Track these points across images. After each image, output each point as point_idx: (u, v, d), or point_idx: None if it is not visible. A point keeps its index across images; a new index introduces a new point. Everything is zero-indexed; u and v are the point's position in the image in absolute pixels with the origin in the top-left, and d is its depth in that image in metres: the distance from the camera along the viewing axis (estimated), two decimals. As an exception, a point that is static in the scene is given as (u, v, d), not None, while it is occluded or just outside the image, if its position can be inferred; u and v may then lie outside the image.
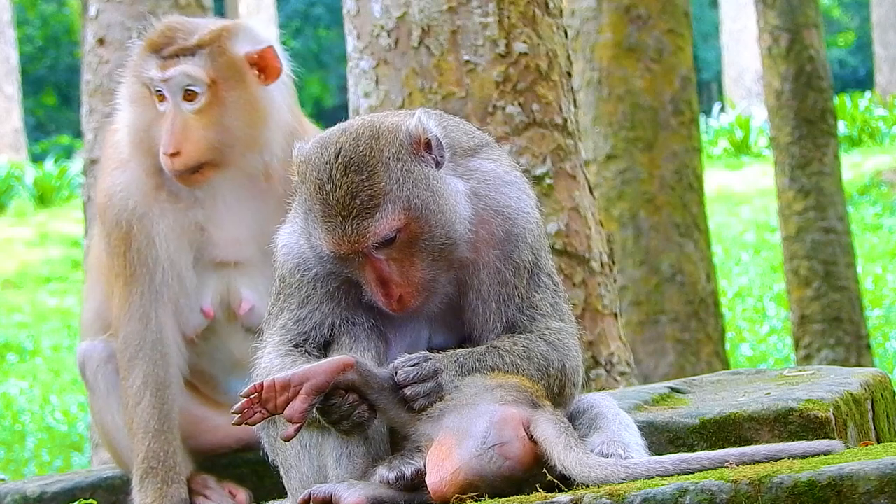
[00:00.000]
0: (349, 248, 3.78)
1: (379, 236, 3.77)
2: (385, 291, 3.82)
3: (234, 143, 5.00)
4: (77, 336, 19.69)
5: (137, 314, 5.07)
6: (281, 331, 3.97)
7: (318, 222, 3.80)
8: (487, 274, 3.92)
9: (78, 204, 24.88)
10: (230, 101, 4.99)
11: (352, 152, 3.78)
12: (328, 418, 3.73)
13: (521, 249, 3.94)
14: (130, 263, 5.07)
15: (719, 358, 11.01)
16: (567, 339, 3.96)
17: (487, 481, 3.60)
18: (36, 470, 14.54)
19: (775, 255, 19.46)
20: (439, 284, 3.88)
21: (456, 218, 3.84)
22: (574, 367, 3.96)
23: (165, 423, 5.05)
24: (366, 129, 3.83)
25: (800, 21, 12.87)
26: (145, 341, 5.06)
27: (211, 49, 4.99)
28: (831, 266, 12.81)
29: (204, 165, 5.00)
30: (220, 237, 5.11)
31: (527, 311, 3.94)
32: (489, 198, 3.94)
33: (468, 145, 4.01)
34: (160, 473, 5.03)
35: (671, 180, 10.90)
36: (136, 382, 5.05)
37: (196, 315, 5.15)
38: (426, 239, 3.81)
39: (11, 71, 31.78)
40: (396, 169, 3.78)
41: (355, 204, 3.75)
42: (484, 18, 6.04)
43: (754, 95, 32.72)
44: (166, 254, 5.06)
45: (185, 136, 4.97)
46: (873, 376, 4.69)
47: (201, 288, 5.14)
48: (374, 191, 3.76)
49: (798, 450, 3.53)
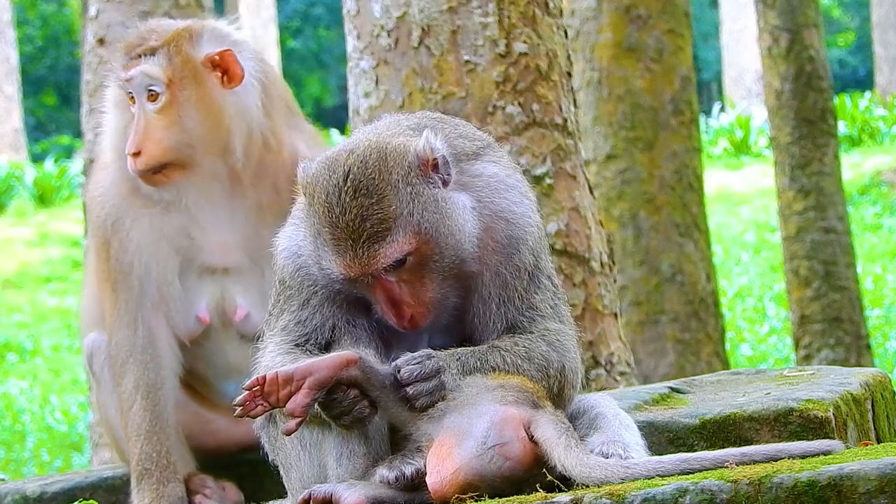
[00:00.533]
0: (360, 271, 3.78)
1: (390, 260, 3.77)
2: (396, 312, 3.84)
3: (195, 144, 4.99)
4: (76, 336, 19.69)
5: (126, 320, 5.10)
6: (282, 332, 3.98)
7: (327, 245, 3.80)
8: (489, 277, 3.93)
9: (78, 204, 24.88)
10: (189, 102, 4.99)
11: (360, 175, 3.77)
12: (329, 413, 3.74)
13: (522, 252, 3.95)
14: (113, 269, 5.10)
15: (719, 358, 11.00)
16: (566, 340, 3.98)
17: (488, 481, 3.60)
18: (36, 470, 14.54)
19: (775, 255, 19.46)
20: (448, 300, 3.90)
21: (464, 237, 3.85)
22: (573, 369, 3.97)
23: (157, 424, 5.07)
24: (373, 150, 3.82)
25: (800, 21, 12.87)
26: (135, 346, 5.08)
27: (169, 49, 4.99)
28: (831, 266, 12.80)
29: (167, 166, 5.00)
30: (205, 241, 5.11)
31: (526, 313, 3.95)
32: (493, 204, 3.95)
33: (470, 150, 4.02)
34: (155, 474, 5.05)
35: (671, 180, 10.90)
36: (129, 387, 5.08)
37: (191, 321, 5.16)
38: (436, 260, 3.82)
39: (11, 71, 31.79)
40: (406, 192, 3.79)
41: (365, 227, 3.75)
42: (484, 18, 6.04)
43: (754, 95, 32.72)
44: (144, 258, 5.07)
45: (147, 135, 4.97)
46: (873, 376, 4.69)
47: (195, 294, 5.15)
48: (384, 214, 3.76)
49: (798, 450, 3.53)
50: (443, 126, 4.02)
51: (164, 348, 5.11)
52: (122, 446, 5.28)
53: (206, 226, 5.10)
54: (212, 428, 5.31)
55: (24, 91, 35.31)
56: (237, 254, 5.11)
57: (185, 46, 5.00)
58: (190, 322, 5.15)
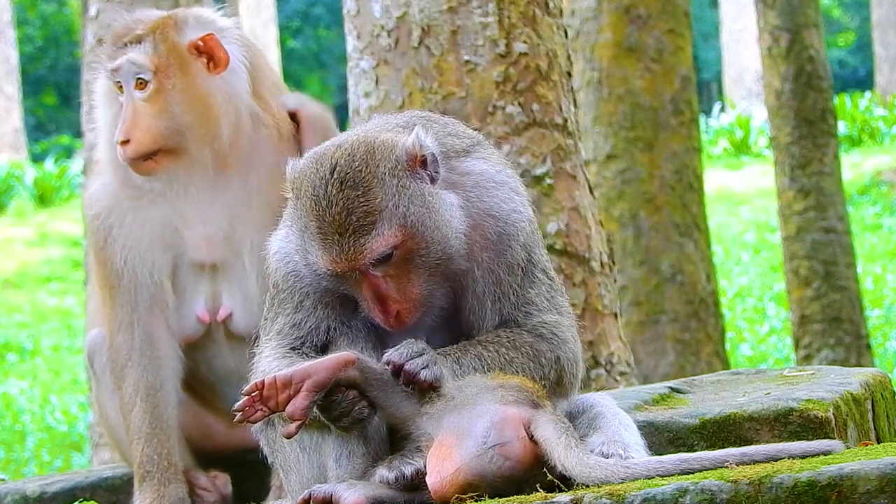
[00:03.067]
0: (345, 265, 3.77)
1: (375, 253, 3.76)
2: (382, 308, 3.82)
3: (184, 131, 4.98)
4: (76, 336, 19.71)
5: (123, 323, 5.09)
6: (278, 336, 3.97)
7: (314, 239, 3.79)
8: (482, 274, 3.93)
9: (78, 204, 24.86)
10: (176, 89, 4.98)
11: (347, 168, 3.77)
12: (328, 415, 3.73)
13: (514, 248, 3.94)
14: (108, 271, 5.09)
15: (719, 358, 11.00)
16: (562, 331, 3.96)
17: (488, 481, 3.60)
18: (36, 470, 14.54)
19: (775, 255, 19.46)
20: (436, 298, 3.88)
21: (451, 233, 3.84)
22: (569, 359, 3.95)
23: (158, 425, 5.06)
24: (361, 144, 3.82)
25: (800, 21, 12.87)
26: (133, 349, 5.07)
27: (154, 37, 4.99)
28: (831, 266, 12.81)
29: (157, 153, 4.99)
30: (190, 236, 5.09)
31: (522, 308, 3.94)
32: (481, 202, 3.94)
33: (460, 147, 4.01)
34: (156, 475, 5.05)
35: (671, 180, 10.90)
36: (129, 390, 5.08)
37: (191, 321, 5.14)
38: (423, 255, 3.81)
39: (11, 71, 31.79)
40: (392, 185, 3.78)
41: (351, 221, 3.74)
42: (484, 18, 6.04)
43: (754, 95, 32.72)
44: (133, 259, 5.06)
45: (135, 123, 4.96)
46: (873, 376, 4.69)
47: (192, 292, 5.13)
48: (370, 207, 3.75)
49: (798, 450, 3.53)
50: (432, 124, 4.02)
51: (165, 349, 5.09)
52: (123, 447, 5.28)
53: (191, 219, 5.08)
54: (213, 431, 5.30)
55: (24, 91, 35.31)
56: (223, 249, 5.09)
57: (171, 33, 4.99)
58: (190, 322, 5.14)
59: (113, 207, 5.10)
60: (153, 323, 5.08)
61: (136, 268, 5.07)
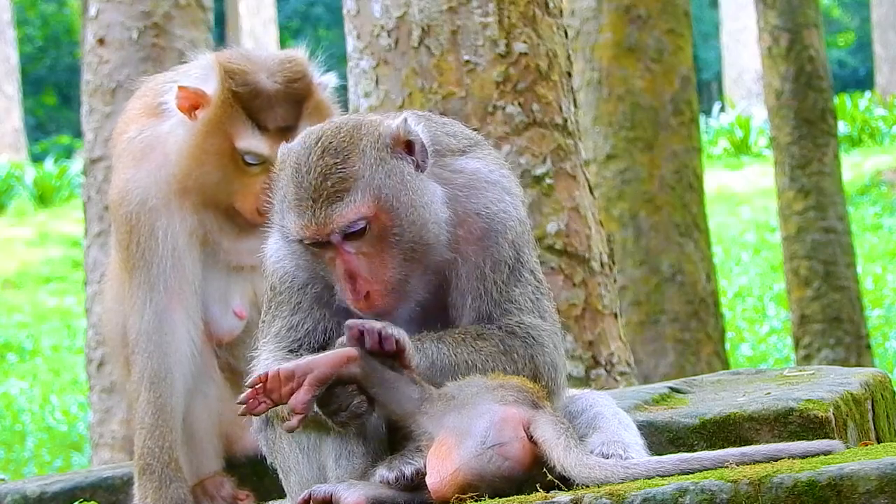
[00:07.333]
0: (316, 231, 3.78)
1: (345, 220, 3.76)
2: (352, 286, 3.80)
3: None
4: (76, 336, 19.71)
5: (136, 304, 5.02)
6: (275, 338, 3.97)
7: (290, 207, 3.81)
8: (466, 270, 3.92)
9: (78, 204, 24.88)
10: None
11: (331, 138, 3.83)
12: (327, 409, 3.72)
13: (501, 245, 3.93)
14: (133, 254, 5.01)
15: (719, 358, 11.01)
16: (539, 334, 3.92)
17: (487, 481, 3.60)
18: (36, 470, 14.55)
19: (775, 255, 19.46)
20: (411, 287, 3.86)
21: (430, 218, 3.83)
22: (547, 363, 3.91)
23: (160, 417, 4.97)
24: (350, 121, 3.90)
25: (800, 21, 12.88)
26: (140, 333, 4.98)
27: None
28: (831, 266, 12.81)
29: None
30: (231, 246, 5.08)
31: (503, 305, 3.92)
32: (469, 200, 3.93)
33: (455, 146, 4.01)
34: (157, 471, 4.97)
35: (671, 180, 10.90)
36: (136, 377, 5.01)
37: (229, 317, 5.13)
38: (396, 234, 3.81)
39: (11, 71, 31.81)
40: (371, 157, 3.81)
41: (326, 186, 3.77)
42: (484, 18, 6.04)
43: (754, 95, 32.73)
44: (167, 245, 4.98)
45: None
46: (873, 376, 4.69)
47: (229, 289, 5.12)
48: (345, 174, 3.78)
49: (798, 450, 3.53)
50: (430, 123, 4.03)
51: (178, 336, 4.98)
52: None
53: (231, 230, 5.07)
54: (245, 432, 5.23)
55: (24, 91, 35.33)
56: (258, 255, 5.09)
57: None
58: (228, 318, 5.12)
59: (155, 202, 4.99)
60: (167, 307, 5.01)
61: (168, 253, 4.97)
